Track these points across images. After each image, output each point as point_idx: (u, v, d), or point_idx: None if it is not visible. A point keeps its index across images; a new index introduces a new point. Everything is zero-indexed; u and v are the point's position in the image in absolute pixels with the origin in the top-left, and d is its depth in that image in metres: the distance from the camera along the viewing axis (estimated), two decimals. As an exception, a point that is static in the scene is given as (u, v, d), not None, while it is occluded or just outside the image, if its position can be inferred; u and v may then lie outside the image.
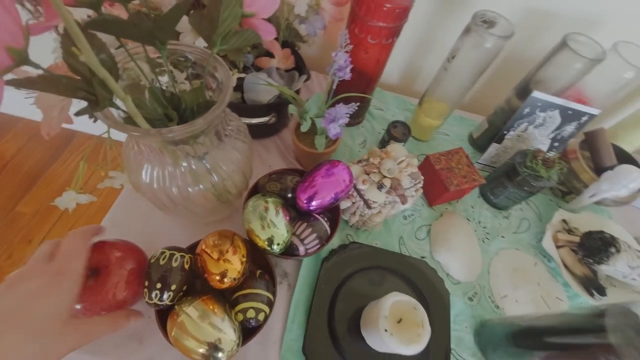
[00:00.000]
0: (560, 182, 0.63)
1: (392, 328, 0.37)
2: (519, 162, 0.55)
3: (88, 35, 0.23)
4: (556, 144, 0.61)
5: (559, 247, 0.57)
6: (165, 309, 0.36)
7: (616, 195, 0.55)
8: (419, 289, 0.49)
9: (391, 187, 0.47)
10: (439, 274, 0.52)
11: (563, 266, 0.54)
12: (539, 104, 0.54)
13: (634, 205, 0.66)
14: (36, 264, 0.30)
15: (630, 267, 0.51)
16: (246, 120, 0.52)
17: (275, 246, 0.39)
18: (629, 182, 0.53)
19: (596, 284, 0.54)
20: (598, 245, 0.52)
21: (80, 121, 0.29)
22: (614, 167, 0.55)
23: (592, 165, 0.61)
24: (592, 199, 0.58)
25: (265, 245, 0.39)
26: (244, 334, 0.37)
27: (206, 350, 0.32)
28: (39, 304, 0.27)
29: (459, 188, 0.54)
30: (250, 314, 0.36)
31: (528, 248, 0.59)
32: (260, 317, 0.37)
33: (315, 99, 0.49)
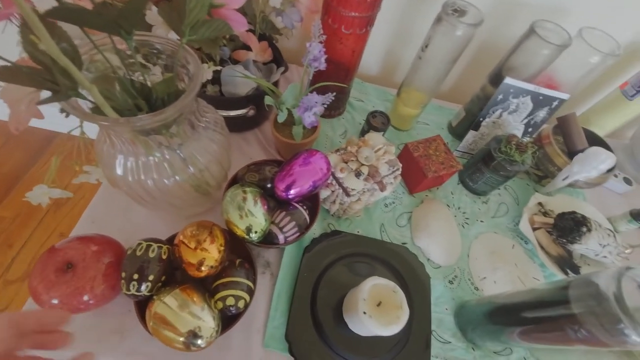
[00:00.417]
0: (536, 167, 0.65)
1: (371, 311, 0.38)
2: (494, 148, 0.56)
3: (48, 24, 0.23)
4: (530, 129, 0.62)
5: (535, 229, 0.59)
6: (145, 300, 0.36)
7: (587, 177, 0.57)
8: (400, 274, 0.50)
9: (369, 175, 0.48)
10: (420, 259, 0.53)
11: (539, 247, 0.56)
12: (512, 91, 0.55)
13: (606, 186, 0.68)
14: None
15: (601, 245, 0.53)
16: (224, 113, 0.52)
17: (253, 234, 0.40)
18: (598, 164, 0.55)
19: (570, 263, 0.56)
20: (570, 226, 0.54)
21: (61, 122, 0.28)
22: (585, 150, 0.57)
23: (565, 149, 0.63)
24: (565, 181, 0.59)
25: (243, 234, 0.40)
26: (225, 322, 0.37)
27: (185, 338, 0.33)
28: None
29: (437, 174, 0.55)
30: (230, 301, 0.36)
31: (506, 231, 0.60)
32: (241, 305, 0.37)
33: (291, 89, 0.50)
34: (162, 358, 0.39)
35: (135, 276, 0.34)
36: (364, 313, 0.37)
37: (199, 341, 0.33)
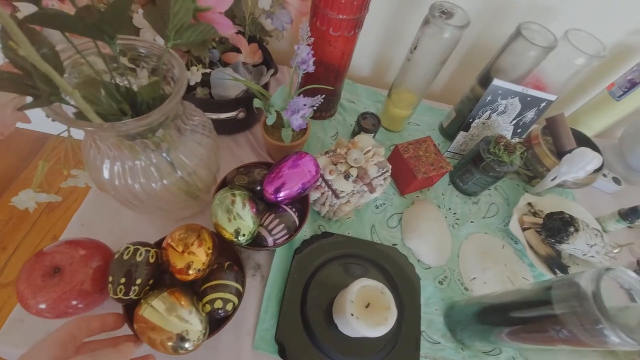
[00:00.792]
0: (526, 167, 0.66)
1: (359, 312, 0.38)
2: (483, 149, 0.57)
3: (27, 30, 0.23)
4: (519, 130, 0.63)
5: (525, 230, 0.59)
6: (133, 304, 0.36)
7: (575, 177, 0.58)
8: (390, 275, 0.51)
9: (358, 177, 0.48)
10: (410, 260, 0.53)
11: (528, 247, 0.57)
12: (500, 92, 0.56)
13: (595, 186, 0.69)
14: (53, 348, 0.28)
15: (589, 245, 0.54)
16: (214, 116, 0.52)
17: (241, 237, 0.40)
18: (585, 164, 0.55)
19: (559, 263, 0.56)
20: (558, 226, 0.54)
21: (52, 124, 0.28)
22: (572, 151, 0.58)
23: (555, 149, 0.63)
24: (554, 182, 0.60)
25: (232, 237, 0.40)
26: (214, 325, 0.37)
27: (173, 342, 0.33)
28: None
29: (427, 175, 0.55)
30: (218, 304, 0.36)
31: (496, 231, 0.61)
32: (229, 308, 0.37)
33: (280, 92, 0.50)
34: (151, 362, 0.39)
35: (123, 280, 0.34)
36: (352, 315, 0.37)
37: (187, 344, 0.33)
